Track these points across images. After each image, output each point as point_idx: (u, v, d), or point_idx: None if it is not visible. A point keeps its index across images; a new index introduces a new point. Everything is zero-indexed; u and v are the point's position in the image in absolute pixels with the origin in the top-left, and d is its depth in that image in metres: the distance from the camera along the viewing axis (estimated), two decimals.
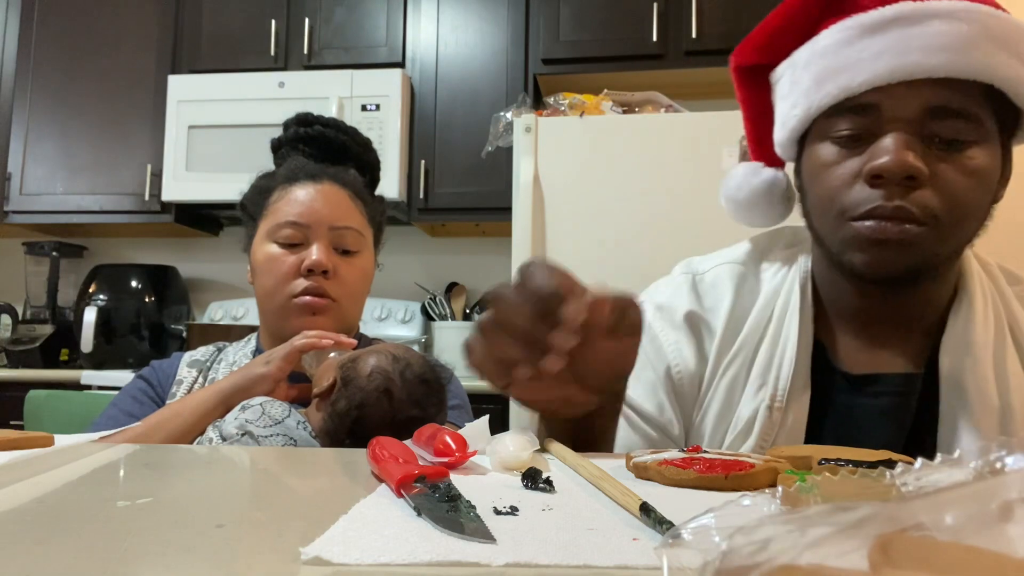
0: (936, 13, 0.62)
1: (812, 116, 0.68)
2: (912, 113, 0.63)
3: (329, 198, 0.99)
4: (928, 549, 0.18)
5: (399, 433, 0.75)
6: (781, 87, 0.74)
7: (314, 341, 0.85)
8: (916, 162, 0.62)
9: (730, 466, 0.44)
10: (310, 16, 2.72)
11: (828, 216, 0.68)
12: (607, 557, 0.30)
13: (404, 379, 0.78)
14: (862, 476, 0.27)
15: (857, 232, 0.65)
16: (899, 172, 0.62)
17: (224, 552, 0.31)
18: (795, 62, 0.71)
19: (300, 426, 0.76)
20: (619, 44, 2.55)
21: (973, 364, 0.67)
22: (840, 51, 0.65)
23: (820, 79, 0.66)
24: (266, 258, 0.97)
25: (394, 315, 2.78)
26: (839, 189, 0.66)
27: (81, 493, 0.42)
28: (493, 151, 2.42)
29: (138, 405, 0.96)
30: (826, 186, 0.67)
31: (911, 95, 0.63)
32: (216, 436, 0.78)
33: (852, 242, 0.66)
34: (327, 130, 1.06)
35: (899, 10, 0.63)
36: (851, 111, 0.66)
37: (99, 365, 2.58)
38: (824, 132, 0.68)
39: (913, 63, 0.62)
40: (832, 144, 0.67)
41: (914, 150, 0.62)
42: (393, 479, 0.40)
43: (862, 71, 0.63)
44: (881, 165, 0.62)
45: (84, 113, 2.83)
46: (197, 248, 3.11)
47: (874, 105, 0.64)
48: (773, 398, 0.70)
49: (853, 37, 0.65)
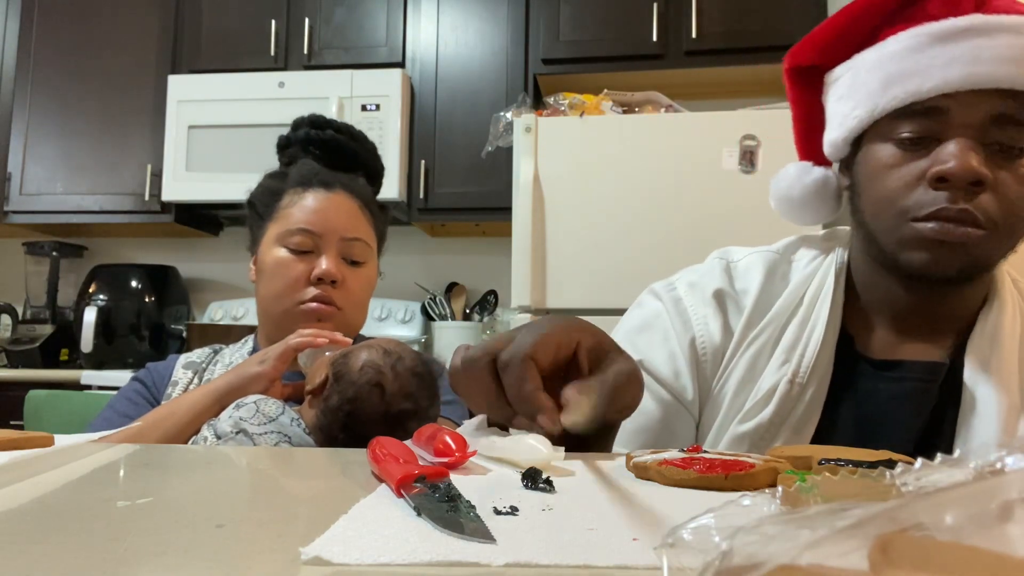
0: (1006, 27, 0.65)
1: (875, 118, 0.70)
2: (977, 120, 0.65)
3: (341, 208, 1.00)
4: (928, 549, 0.18)
5: (392, 427, 0.75)
6: (838, 88, 0.75)
7: (309, 339, 0.85)
8: (982, 168, 0.64)
9: (730, 466, 0.44)
10: (310, 16, 2.72)
11: (886, 215, 0.70)
12: (607, 557, 0.30)
13: (396, 372, 0.78)
14: (862, 476, 0.27)
15: (918, 232, 0.67)
16: (966, 176, 0.64)
17: (224, 552, 0.31)
18: (858, 65, 0.72)
19: (294, 423, 0.76)
20: (619, 44, 2.55)
21: (999, 359, 0.70)
22: (909, 56, 0.67)
23: (888, 82, 0.68)
24: (276, 262, 0.97)
25: (394, 315, 2.78)
26: (901, 190, 0.68)
27: (81, 493, 0.42)
28: (493, 151, 2.42)
29: (133, 407, 0.96)
30: (887, 186, 0.69)
31: (977, 102, 0.65)
32: (211, 435, 0.78)
33: (912, 242, 0.67)
34: (339, 136, 1.07)
35: (971, 21, 0.66)
36: (917, 115, 0.67)
37: (99, 365, 2.58)
38: (886, 134, 0.70)
39: (984, 72, 0.64)
40: (895, 146, 0.69)
41: (978, 156, 0.64)
42: (393, 479, 0.40)
43: (932, 76, 0.65)
44: (948, 169, 0.64)
45: (84, 113, 2.83)
46: (197, 248, 3.11)
47: (941, 109, 0.66)
48: (796, 373, 0.73)
49: (923, 44, 0.67)
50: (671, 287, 0.84)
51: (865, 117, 0.71)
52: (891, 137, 0.69)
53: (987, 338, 0.71)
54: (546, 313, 2.12)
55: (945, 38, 0.66)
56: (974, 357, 0.71)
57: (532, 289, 2.11)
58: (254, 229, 1.05)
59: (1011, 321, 0.72)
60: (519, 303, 2.11)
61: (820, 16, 2.47)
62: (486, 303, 2.79)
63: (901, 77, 0.67)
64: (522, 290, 2.11)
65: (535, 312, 2.11)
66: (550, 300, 2.13)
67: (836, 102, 0.76)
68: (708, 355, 0.79)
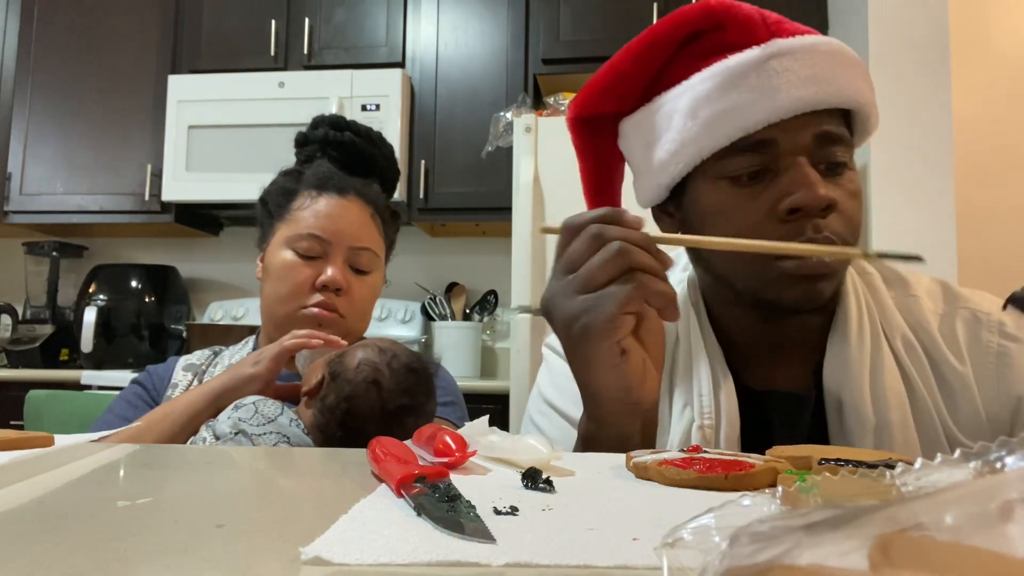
0: (806, 47, 0.65)
1: (700, 159, 0.67)
2: (805, 143, 0.64)
3: (352, 216, 1.00)
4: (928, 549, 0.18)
5: (389, 424, 0.75)
6: (642, 134, 0.72)
7: (303, 341, 0.85)
8: (830, 191, 0.63)
9: (730, 466, 0.44)
10: (310, 16, 2.72)
11: (743, 259, 0.66)
12: (607, 557, 0.30)
13: (392, 369, 0.78)
14: (862, 476, 0.27)
15: (783, 271, 0.64)
16: (819, 204, 0.62)
17: (224, 552, 0.31)
18: (667, 108, 0.69)
19: (293, 423, 0.76)
20: (619, 44, 2.52)
21: (849, 384, 0.67)
22: (724, 94, 0.64)
23: (709, 123, 0.65)
24: (282, 265, 0.97)
25: (394, 315, 2.78)
26: (752, 229, 0.65)
27: (81, 493, 0.42)
28: (493, 151, 2.42)
29: (133, 409, 0.96)
30: (735, 227, 0.66)
31: (801, 127, 0.64)
32: (210, 436, 0.78)
33: (779, 281, 0.65)
34: (358, 139, 1.06)
35: (774, 47, 0.64)
36: (745, 150, 0.65)
37: (99, 365, 2.58)
38: (716, 173, 0.67)
39: (803, 96, 0.63)
40: (729, 184, 0.66)
41: (819, 179, 0.63)
42: (393, 479, 0.40)
43: (757, 109, 0.63)
44: (801, 198, 0.62)
45: (84, 113, 2.83)
46: (197, 248, 3.11)
47: (768, 140, 0.64)
48: (702, 416, 0.69)
49: (734, 78, 0.64)
50: None
51: (688, 161, 0.67)
52: (723, 176, 0.66)
53: (836, 362, 0.69)
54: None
55: (755, 67, 0.64)
56: (829, 385, 0.69)
57: (532, 289, 2.11)
58: (264, 226, 1.05)
59: (857, 339, 0.69)
60: (519, 303, 2.11)
61: (821, 16, 2.47)
62: (486, 303, 2.79)
63: (723, 115, 0.64)
64: (522, 290, 2.11)
65: (535, 312, 2.11)
66: None
67: (644, 149, 0.72)
68: None
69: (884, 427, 0.66)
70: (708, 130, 0.65)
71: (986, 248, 2.57)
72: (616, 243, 0.57)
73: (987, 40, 2.70)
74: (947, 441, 0.66)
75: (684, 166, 0.68)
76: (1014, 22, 2.71)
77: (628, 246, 0.57)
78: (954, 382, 0.68)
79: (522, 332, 2.08)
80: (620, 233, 0.58)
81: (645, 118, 0.71)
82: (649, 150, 0.71)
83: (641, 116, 0.72)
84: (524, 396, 2.06)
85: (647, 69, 0.71)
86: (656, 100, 0.70)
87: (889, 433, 0.66)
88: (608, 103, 0.74)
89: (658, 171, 0.71)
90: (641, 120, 0.72)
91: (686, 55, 0.69)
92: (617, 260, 0.57)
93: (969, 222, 2.46)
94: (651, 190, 0.73)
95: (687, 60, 0.69)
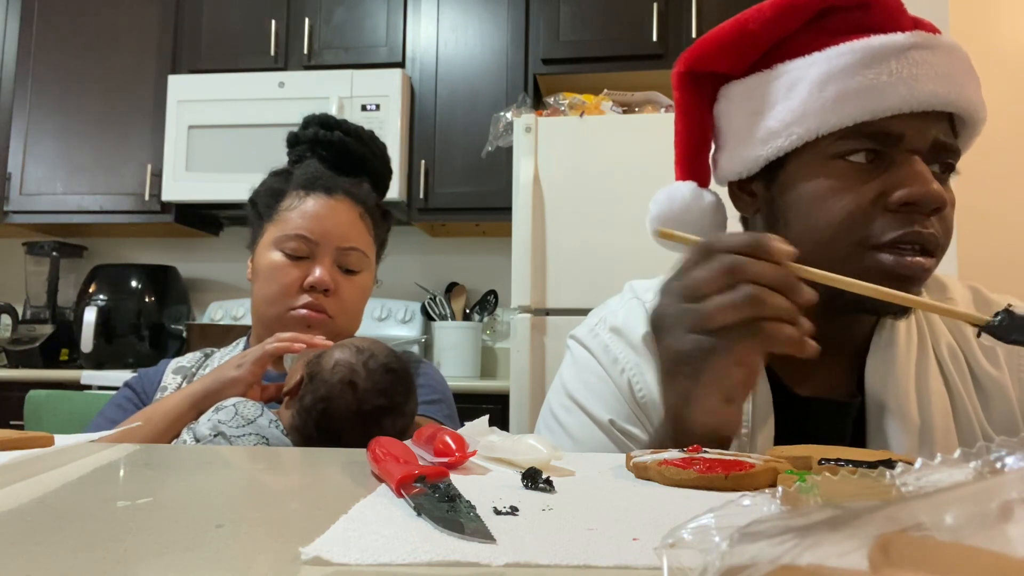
0: (945, 45, 0.64)
1: (819, 135, 0.64)
2: (927, 142, 0.63)
3: (340, 216, 0.99)
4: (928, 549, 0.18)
5: (366, 424, 0.75)
6: (749, 101, 0.69)
7: (286, 344, 0.85)
8: (943, 192, 0.62)
9: (730, 466, 0.44)
10: (310, 16, 2.72)
11: (839, 243, 0.64)
12: (607, 557, 0.30)
13: (368, 369, 0.78)
14: (862, 476, 0.27)
15: (880, 264, 0.62)
16: (933, 202, 0.61)
17: (224, 552, 0.31)
18: (795, 76, 0.66)
19: (272, 425, 0.76)
20: (619, 44, 2.55)
21: (895, 385, 0.67)
22: (860, 71, 0.62)
23: (842, 98, 0.63)
24: (270, 266, 0.97)
25: (394, 315, 2.78)
26: (855, 215, 0.63)
27: (81, 493, 0.42)
28: (493, 151, 2.42)
29: (123, 413, 0.96)
30: (838, 211, 0.63)
31: (925, 126, 0.63)
32: (190, 438, 0.78)
33: (873, 273, 0.61)
34: (348, 139, 1.05)
35: (917, 38, 0.63)
36: (866, 135, 0.63)
37: (99, 365, 2.58)
38: (831, 152, 0.65)
39: (934, 92, 0.62)
40: (845, 165, 0.64)
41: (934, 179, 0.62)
42: (393, 479, 0.40)
43: (891, 94, 0.61)
44: (917, 192, 0.61)
45: (84, 113, 2.83)
46: (197, 248, 3.11)
47: (893, 130, 0.63)
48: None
49: (874, 57, 0.63)
50: (594, 334, 0.78)
51: (803, 134, 0.64)
52: (838, 155, 0.64)
53: (881, 363, 0.68)
54: (546, 314, 2.12)
55: (896, 53, 0.62)
56: (873, 386, 0.68)
57: (532, 289, 2.11)
58: (254, 227, 1.04)
59: (904, 339, 0.68)
60: (519, 303, 2.11)
61: None
62: (486, 303, 2.79)
63: (855, 94, 0.62)
64: (522, 290, 2.11)
65: (535, 312, 2.11)
66: (550, 300, 2.13)
67: (750, 116, 0.69)
68: (648, 404, 0.72)
69: (927, 430, 0.66)
70: (836, 105, 0.63)
71: (986, 248, 2.57)
72: (748, 288, 0.52)
73: (987, 40, 2.70)
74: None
75: (797, 139, 0.65)
76: (1014, 22, 2.71)
77: (760, 292, 0.51)
78: (989, 386, 0.69)
79: (522, 332, 2.08)
80: (756, 273, 0.52)
81: (760, 84, 0.68)
82: (756, 117, 0.68)
83: (756, 81, 0.69)
84: (524, 396, 2.05)
85: (775, 34, 0.68)
86: (777, 67, 0.67)
87: (931, 436, 0.66)
88: (723, 62, 0.71)
89: (762, 141, 0.67)
90: (755, 85, 0.69)
91: (819, 28, 0.67)
92: (743, 308, 0.52)
93: (969, 222, 2.46)
94: (744, 162, 0.70)
95: (819, 33, 0.66)
